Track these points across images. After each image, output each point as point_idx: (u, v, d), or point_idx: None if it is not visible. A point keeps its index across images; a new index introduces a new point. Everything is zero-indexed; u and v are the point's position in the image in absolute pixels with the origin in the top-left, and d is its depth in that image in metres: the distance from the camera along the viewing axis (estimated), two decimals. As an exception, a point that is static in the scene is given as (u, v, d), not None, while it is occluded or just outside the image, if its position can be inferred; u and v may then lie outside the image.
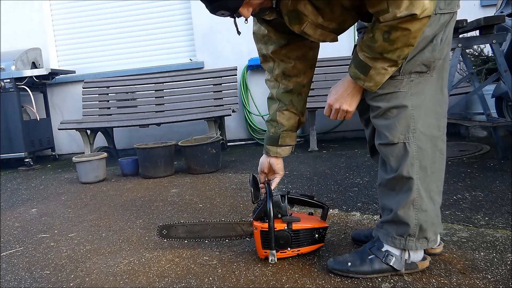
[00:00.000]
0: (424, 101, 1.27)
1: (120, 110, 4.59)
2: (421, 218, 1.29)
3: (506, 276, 1.28)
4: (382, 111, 1.28)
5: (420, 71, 1.25)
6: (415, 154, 1.27)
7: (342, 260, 1.39)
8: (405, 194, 1.29)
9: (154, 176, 3.27)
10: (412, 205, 1.29)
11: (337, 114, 1.34)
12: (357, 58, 1.22)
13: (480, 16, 2.58)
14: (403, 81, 1.25)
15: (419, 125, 1.26)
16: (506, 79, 2.57)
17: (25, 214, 2.54)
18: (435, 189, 1.31)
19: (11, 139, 4.27)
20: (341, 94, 1.31)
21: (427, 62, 1.24)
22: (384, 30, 1.12)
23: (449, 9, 1.23)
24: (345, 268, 1.36)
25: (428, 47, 1.23)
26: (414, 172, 1.27)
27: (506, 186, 2.20)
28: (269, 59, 1.48)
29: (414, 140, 1.27)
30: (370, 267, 1.33)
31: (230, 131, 4.78)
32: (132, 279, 1.49)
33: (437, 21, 1.22)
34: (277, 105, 1.51)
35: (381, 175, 1.36)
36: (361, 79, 1.23)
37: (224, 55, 4.74)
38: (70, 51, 5.17)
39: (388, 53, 1.15)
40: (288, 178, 2.86)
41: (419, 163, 1.27)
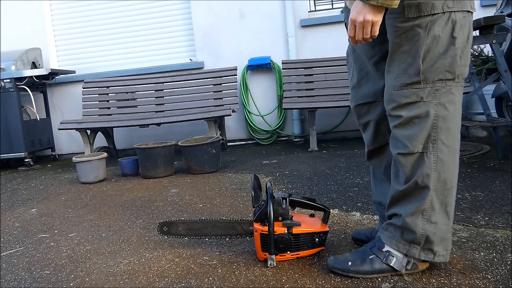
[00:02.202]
0: (453, 112, 1.23)
1: (120, 110, 4.59)
2: (428, 229, 1.27)
3: (506, 276, 1.28)
4: (404, 121, 1.25)
5: (445, 79, 1.21)
6: (433, 165, 1.24)
7: (342, 260, 1.38)
8: (417, 203, 1.27)
9: (154, 176, 3.27)
10: (421, 214, 1.27)
11: (362, 30, 1.17)
12: None
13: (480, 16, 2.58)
14: (426, 89, 1.22)
15: (443, 136, 1.23)
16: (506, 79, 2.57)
17: (25, 214, 2.54)
18: (452, 203, 1.28)
19: (11, 139, 4.27)
20: (361, 7, 1.15)
21: (450, 68, 1.20)
22: None
23: (459, 7, 1.18)
24: (345, 267, 1.36)
25: (449, 51, 1.19)
26: (431, 182, 1.24)
27: (506, 186, 2.20)
28: None
29: (434, 151, 1.24)
30: (370, 267, 1.33)
31: (230, 131, 4.78)
32: (132, 279, 1.49)
33: (446, 19, 1.18)
34: None
35: (395, 187, 1.33)
36: None
37: (224, 55, 4.74)
38: (70, 51, 5.17)
39: None
40: (288, 178, 2.86)
41: (437, 175, 1.24)
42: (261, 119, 4.70)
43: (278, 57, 4.60)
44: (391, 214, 1.36)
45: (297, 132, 4.64)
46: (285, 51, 4.61)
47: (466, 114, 3.69)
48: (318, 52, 4.53)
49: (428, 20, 1.18)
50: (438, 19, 1.17)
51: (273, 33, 4.62)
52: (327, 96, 4.20)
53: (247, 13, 4.65)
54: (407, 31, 1.21)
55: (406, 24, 1.20)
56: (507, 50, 2.94)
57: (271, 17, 4.60)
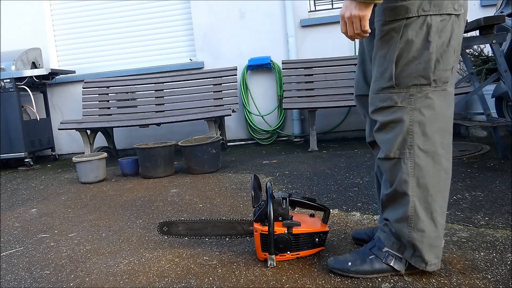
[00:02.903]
0: (431, 117, 1.22)
1: (120, 110, 4.59)
2: (415, 237, 1.26)
3: (506, 276, 1.28)
4: (380, 126, 1.27)
5: (420, 84, 1.20)
6: (410, 171, 1.24)
7: (342, 260, 1.38)
8: (400, 209, 1.28)
9: (154, 176, 3.27)
10: (406, 222, 1.27)
11: (352, 25, 1.18)
12: None
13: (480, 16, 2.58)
14: (400, 94, 1.22)
15: (419, 141, 1.22)
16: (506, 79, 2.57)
17: (25, 214, 2.54)
18: (438, 210, 1.26)
19: (11, 139, 4.27)
20: (349, 3, 1.16)
21: (424, 73, 1.19)
22: None
23: (436, 10, 1.16)
24: (345, 267, 1.36)
25: (422, 56, 1.18)
26: (409, 189, 1.24)
27: (506, 186, 2.20)
28: None
29: (410, 157, 1.23)
30: (370, 267, 1.33)
31: (230, 131, 4.78)
32: (132, 279, 1.49)
33: (420, 24, 1.16)
34: None
35: (382, 190, 1.35)
36: None
37: (224, 55, 4.74)
38: (70, 51, 5.16)
39: None
40: (288, 178, 2.86)
41: (416, 180, 1.24)
42: (261, 119, 4.70)
43: (278, 57, 4.61)
44: (384, 217, 1.37)
45: (297, 132, 4.64)
46: (285, 51, 4.61)
47: (466, 114, 3.69)
48: (318, 52, 4.54)
49: (402, 24, 1.17)
50: (412, 23, 1.16)
51: (273, 33, 4.62)
52: (327, 96, 4.20)
53: (247, 13, 4.65)
54: (385, 35, 1.21)
55: (384, 28, 1.21)
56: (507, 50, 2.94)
57: (271, 17, 4.60)
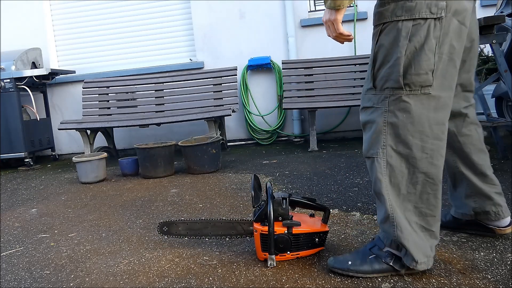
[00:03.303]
0: (405, 120, 1.23)
1: (120, 110, 4.59)
2: (400, 235, 1.27)
3: (506, 276, 1.28)
4: (362, 125, 1.35)
5: (391, 87, 1.23)
6: (384, 170, 1.27)
7: (342, 259, 1.39)
8: (382, 209, 1.31)
9: (154, 176, 3.27)
10: (388, 220, 1.29)
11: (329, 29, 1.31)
12: None
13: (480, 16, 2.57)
14: (377, 96, 1.28)
15: (391, 142, 1.26)
16: (506, 79, 2.57)
17: (25, 214, 2.54)
18: (412, 209, 1.29)
19: (11, 139, 4.27)
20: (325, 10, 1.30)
21: (394, 76, 1.21)
22: None
23: (407, 16, 1.17)
24: (345, 267, 1.36)
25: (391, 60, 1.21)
26: (383, 188, 1.28)
27: (506, 186, 2.19)
28: None
29: (383, 156, 1.27)
30: (370, 267, 1.34)
31: (230, 131, 4.78)
32: (132, 279, 1.49)
33: (394, 29, 1.19)
34: None
35: None
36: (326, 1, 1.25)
37: (224, 55, 4.74)
38: (70, 51, 5.17)
39: None
40: (288, 178, 2.86)
41: (388, 179, 1.28)
42: (261, 119, 4.70)
43: (278, 57, 4.61)
44: None
45: (297, 132, 4.64)
46: (285, 51, 4.61)
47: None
48: (318, 52, 4.54)
49: (379, 30, 1.24)
50: (386, 28, 1.22)
51: (273, 33, 4.62)
52: (327, 96, 4.20)
53: (247, 13, 4.65)
54: (372, 39, 1.29)
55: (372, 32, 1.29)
56: (507, 50, 2.94)
57: (271, 17, 4.60)
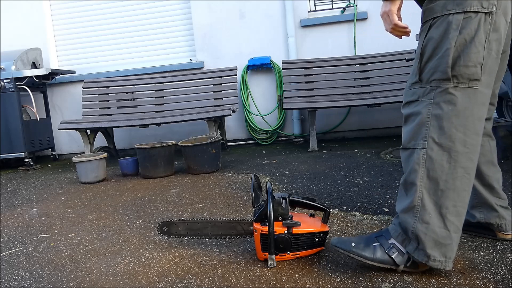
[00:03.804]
0: (450, 112, 1.22)
1: (120, 110, 4.59)
2: (419, 228, 1.26)
3: (506, 276, 1.28)
4: (404, 118, 1.35)
5: (439, 79, 1.23)
6: (422, 161, 1.26)
7: (346, 240, 1.40)
8: (408, 199, 1.30)
9: (154, 176, 3.27)
10: (412, 212, 1.28)
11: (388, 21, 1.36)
12: None
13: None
14: (422, 89, 1.28)
15: (434, 134, 1.24)
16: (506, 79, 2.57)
17: (25, 214, 2.54)
18: (450, 207, 1.24)
19: (11, 139, 4.27)
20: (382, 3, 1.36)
21: (442, 68, 1.22)
22: None
23: (458, 9, 1.19)
24: (348, 248, 1.37)
25: (440, 52, 1.22)
26: (418, 179, 1.26)
27: (506, 186, 2.20)
28: None
29: (424, 148, 1.26)
30: (372, 254, 1.34)
31: (230, 131, 4.79)
32: (132, 279, 1.49)
33: (444, 22, 1.21)
34: None
35: None
36: None
37: (224, 55, 4.74)
38: (70, 51, 5.17)
39: None
40: (288, 178, 2.86)
41: (426, 172, 1.26)
42: (261, 119, 4.70)
43: (278, 57, 4.61)
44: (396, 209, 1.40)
45: (297, 132, 4.64)
46: (285, 51, 4.61)
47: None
48: (318, 52, 4.54)
49: (429, 24, 1.26)
50: (436, 22, 1.24)
51: (273, 33, 4.62)
52: (327, 96, 4.20)
53: (247, 13, 4.65)
54: (419, 35, 1.32)
55: (420, 29, 1.31)
56: (507, 50, 2.94)
57: (271, 17, 4.60)
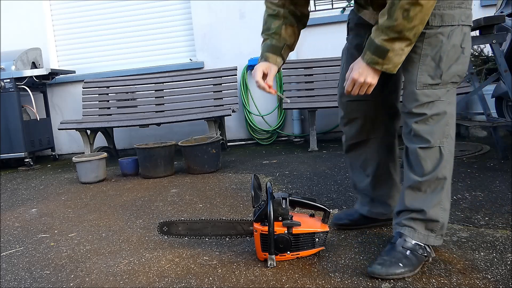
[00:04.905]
0: (454, 110, 1.40)
1: (120, 110, 4.58)
2: (444, 217, 1.41)
3: (506, 276, 1.28)
4: (426, 118, 1.36)
5: (455, 82, 1.37)
6: (448, 157, 1.39)
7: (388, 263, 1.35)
8: (437, 194, 1.40)
9: (154, 176, 3.27)
10: (439, 205, 1.40)
11: (359, 88, 1.36)
12: (374, 43, 1.28)
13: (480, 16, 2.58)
14: (441, 90, 1.35)
15: (451, 132, 1.39)
16: (506, 79, 2.57)
17: (25, 214, 2.54)
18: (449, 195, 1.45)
19: (11, 139, 4.27)
20: (364, 69, 1.33)
21: (461, 73, 1.36)
22: (404, 8, 1.20)
23: (468, 22, 1.35)
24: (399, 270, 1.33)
25: (460, 58, 1.35)
26: (447, 173, 1.40)
27: (506, 186, 2.20)
28: None
29: (447, 145, 1.38)
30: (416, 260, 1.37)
31: (230, 131, 4.78)
32: (132, 279, 1.49)
33: (460, 32, 1.34)
34: (281, 21, 1.56)
35: (411, 177, 1.42)
36: (379, 63, 1.29)
37: (224, 55, 4.74)
38: (70, 51, 5.16)
39: (406, 31, 1.23)
40: (288, 178, 2.86)
41: (450, 165, 1.41)
42: (261, 119, 4.70)
43: (278, 57, 4.59)
44: (412, 209, 1.42)
45: (297, 132, 4.64)
46: (285, 51, 4.60)
47: (466, 114, 3.69)
48: (318, 52, 4.53)
49: (449, 30, 1.32)
50: (455, 29, 1.32)
51: (273, 33, 4.61)
52: (327, 96, 4.20)
53: (247, 13, 4.65)
54: (430, 37, 1.33)
55: (429, 31, 1.32)
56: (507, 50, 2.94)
57: (271, 17, 4.59)
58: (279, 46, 1.56)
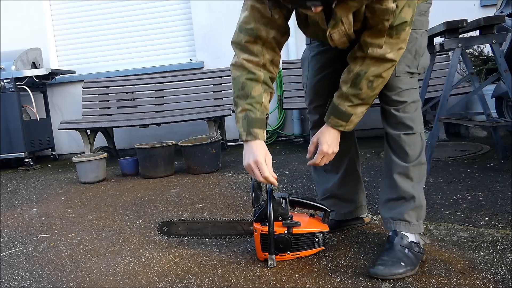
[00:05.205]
0: None
1: (120, 110, 4.59)
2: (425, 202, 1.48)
3: (506, 276, 1.28)
4: (406, 105, 1.41)
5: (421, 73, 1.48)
6: (425, 144, 1.48)
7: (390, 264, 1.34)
8: (422, 180, 1.47)
9: (154, 176, 3.27)
10: (422, 189, 1.47)
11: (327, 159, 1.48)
12: (339, 109, 1.39)
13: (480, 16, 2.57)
14: (415, 79, 1.44)
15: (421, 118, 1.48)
16: (506, 79, 2.57)
17: (25, 214, 2.54)
18: None
19: (11, 139, 4.27)
20: (331, 141, 1.44)
21: (426, 66, 1.50)
22: (369, 79, 1.32)
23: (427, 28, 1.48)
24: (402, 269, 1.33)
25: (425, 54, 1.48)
26: (425, 158, 1.48)
27: (506, 186, 2.20)
28: (261, 42, 1.46)
29: (423, 132, 1.47)
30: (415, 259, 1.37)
31: (230, 131, 4.78)
32: (132, 279, 1.49)
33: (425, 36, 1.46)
34: (262, 87, 1.47)
35: (399, 163, 1.45)
36: (342, 125, 1.41)
37: (224, 55, 4.73)
38: (70, 51, 5.17)
39: (369, 99, 1.37)
40: (288, 178, 2.86)
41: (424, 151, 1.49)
42: (261, 119, 4.69)
43: (278, 57, 4.60)
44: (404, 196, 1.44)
45: (297, 132, 4.64)
46: (285, 51, 4.60)
47: (466, 114, 3.69)
48: (318, 52, 4.53)
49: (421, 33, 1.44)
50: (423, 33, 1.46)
51: (273, 33, 4.61)
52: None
53: (247, 13, 4.64)
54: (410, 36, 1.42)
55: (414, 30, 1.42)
56: (507, 50, 2.93)
57: (271, 17, 4.60)
58: (263, 118, 1.44)
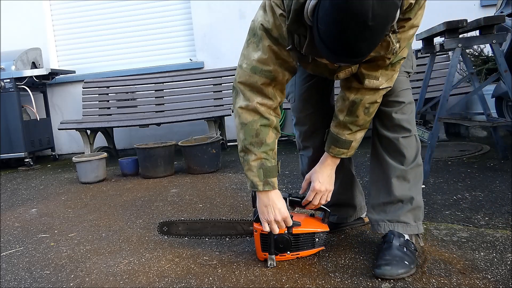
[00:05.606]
0: None
1: (120, 110, 4.59)
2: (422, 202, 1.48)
3: (506, 276, 1.28)
4: (404, 106, 1.40)
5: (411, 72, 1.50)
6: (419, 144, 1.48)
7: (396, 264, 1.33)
8: (420, 181, 1.47)
9: (154, 176, 3.27)
10: (420, 191, 1.48)
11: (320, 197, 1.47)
12: (339, 139, 1.39)
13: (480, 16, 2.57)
14: (408, 80, 1.44)
15: None
16: (506, 79, 2.57)
17: (25, 214, 2.54)
18: None
19: (11, 139, 4.27)
20: (324, 179, 1.45)
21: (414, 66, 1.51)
22: (365, 106, 1.32)
23: None
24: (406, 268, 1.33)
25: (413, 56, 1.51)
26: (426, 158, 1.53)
27: (506, 186, 2.20)
28: (274, 84, 1.37)
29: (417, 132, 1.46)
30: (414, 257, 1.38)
31: (230, 131, 4.78)
32: (132, 279, 1.49)
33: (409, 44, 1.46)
34: (275, 133, 1.44)
35: (396, 166, 1.44)
36: (344, 153, 1.43)
37: (224, 55, 4.74)
38: (70, 51, 5.17)
39: (367, 123, 1.38)
40: (288, 178, 2.86)
41: None
42: (261, 119, 4.69)
43: (278, 57, 4.60)
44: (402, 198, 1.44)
45: (297, 132, 4.63)
46: (285, 51, 4.60)
47: (466, 114, 3.69)
48: (318, 52, 4.53)
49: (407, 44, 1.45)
50: None
51: (273, 33, 4.61)
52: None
53: (247, 13, 4.65)
54: None
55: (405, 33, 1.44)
56: (507, 50, 2.93)
57: (271, 17, 4.60)
58: (276, 165, 1.42)
